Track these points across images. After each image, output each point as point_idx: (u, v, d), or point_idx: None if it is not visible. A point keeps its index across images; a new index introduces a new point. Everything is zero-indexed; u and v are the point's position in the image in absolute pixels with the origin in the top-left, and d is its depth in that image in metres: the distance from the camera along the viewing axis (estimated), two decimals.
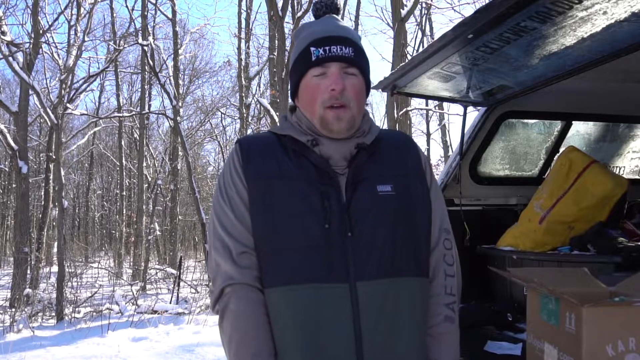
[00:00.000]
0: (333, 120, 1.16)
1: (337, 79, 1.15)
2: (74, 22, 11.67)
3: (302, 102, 1.25)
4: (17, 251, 10.40)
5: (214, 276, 1.18)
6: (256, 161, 1.20)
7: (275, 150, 1.21)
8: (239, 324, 1.11)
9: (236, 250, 1.15)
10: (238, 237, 1.16)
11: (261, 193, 1.16)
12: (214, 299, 1.17)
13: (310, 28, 1.27)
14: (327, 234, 1.10)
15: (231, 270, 1.14)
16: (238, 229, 1.17)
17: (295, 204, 1.13)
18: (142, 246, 15.88)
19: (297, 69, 1.24)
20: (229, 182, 1.20)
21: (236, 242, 1.15)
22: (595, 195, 2.55)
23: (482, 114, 3.10)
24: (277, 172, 1.17)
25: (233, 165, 1.21)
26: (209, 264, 1.22)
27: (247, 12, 17.51)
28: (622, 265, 2.17)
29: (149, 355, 6.04)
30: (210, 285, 1.21)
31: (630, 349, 1.10)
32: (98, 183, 29.59)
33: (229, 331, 1.13)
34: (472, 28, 1.91)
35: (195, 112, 23.09)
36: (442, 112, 17.83)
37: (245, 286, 1.13)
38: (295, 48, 1.28)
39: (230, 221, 1.17)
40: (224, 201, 1.20)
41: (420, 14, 15.74)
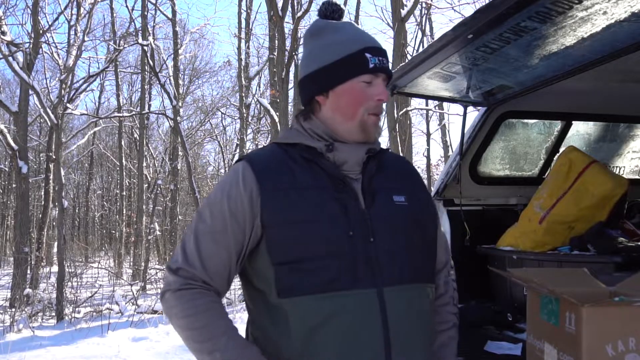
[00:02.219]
0: (372, 126, 1.21)
1: (385, 91, 1.20)
2: (74, 22, 11.67)
3: (336, 104, 1.20)
4: (17, 251, 10.40)
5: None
6: (271, 176, 1.15)
7: (286, 161, 1.18)
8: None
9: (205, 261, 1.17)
10: (212, 258, 1.16)
11: (281, 206, 1.12)
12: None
13: (352, 31, 1.23)
14: (352, 240, 1.11)
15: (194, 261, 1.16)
16: (218, 253, 1.16)
17: (317, 213, 1.12)
18: (142, 246, 15.88)
19: (345, 70, 1.18)
20: (228, 202, 1.15)
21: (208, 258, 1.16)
22: (595, 195, 2.55)
23: (482, 114, 3.10)
24: (294, 183, 1.14)
25: (238, 184, 1.15)
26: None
27: (247, 12, 17.52)
28: (622, 265, 2.18)
29: (149, 355, 6.04)
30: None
31: (630, 348, 1.10)
32: (98, 183, 29.59)
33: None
34: (472, 28, 1.91)
35: (195, 112, 23.13)
36: (442, 112, 17.84)
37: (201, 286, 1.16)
38: (332, 48, 1.20)
39: (211, 244, 1.16)
40: (211, 219, 1.17)
41: (420, 14, 15.74)
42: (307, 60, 1.25)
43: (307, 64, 1.24)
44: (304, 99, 1.26)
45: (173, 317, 1.17)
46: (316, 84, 1.21)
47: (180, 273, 1.15)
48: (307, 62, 1.24)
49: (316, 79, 1.21)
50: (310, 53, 1.24)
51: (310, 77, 1.22)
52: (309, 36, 1.27)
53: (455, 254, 2.99)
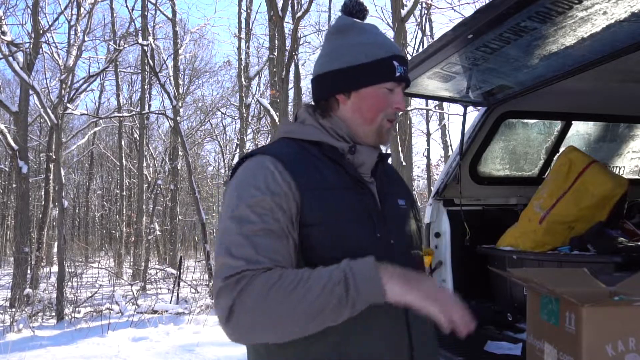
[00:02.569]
0: (387, 132, 1.22)
1: (403, 100, 1.22)
2: (74, 22, 11.68)
3: (358, 106, 1.18)
4: (17, 251, 10.40)
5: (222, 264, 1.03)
6: (303, 173, 1.10)
7: (311, 160, 1.14)
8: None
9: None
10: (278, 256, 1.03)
11: (318, 205, 1.08)
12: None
13: (380, 36, 1.22)
14: (379, 242, 1.13)
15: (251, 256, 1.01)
16: (278, 247, 1.04)
17: (350, 214, 1.11)
18: (142, 246, 15.88)
19: (373, 74, 1.17)
20: (269, 192, 1.06)
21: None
22: (595, 195, 2.55)
23: (482, 114, 3.10)
24: (325, 183, 1.11)
25: (273, 174, 1.08)
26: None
27: (247, 12, 17.53)
28: (622, 265, 2.18)
29: (149, 355, 6.04)
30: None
31: (630, 348, 1.10)
32: (98, 183, 29.59)
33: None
34: (472, 28, 1.91)
35: (195, 112, 23.14)
36: (442, 112, 17.84)
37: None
38: (361, 49, 1.18)
39: (266, 237, 1.03)
40: (253, 214, 1.05)
41: (420, 14, 15.74)
42: (330, 56, 1.21)
43: (330, 60, 1.20)
44: (322, 94, 1.22)
45: (260, 311, 0.96)
46: (340, 82, 1.19)
47: (245, 274, 0.99)
48: (331, 58, 1.21)
49: (341, 77, 1.19)
50: (335, 49, 1.21)
51: (334, 74, 1.19)
52: (335, 32, 1.24)
53: (455, 254, 3.01)
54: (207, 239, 12.29)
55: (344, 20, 1.25)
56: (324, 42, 1.27)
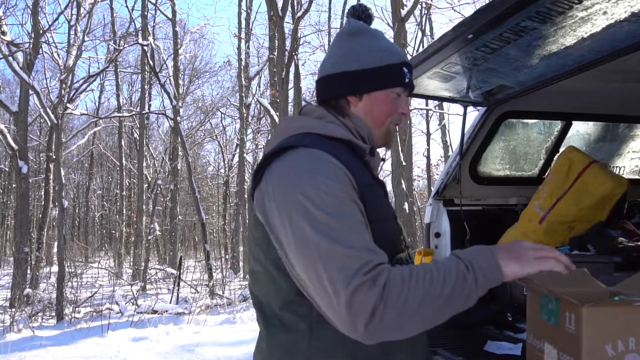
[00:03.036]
0: (392, 136, 1.28)
1: (408, 106, 1.28)
2: (74, 22, 11.69)
3: (369, 108, 1.21)
4: (17, 251, 10.41)
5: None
6: (353, 168, 1.08)
7: (351, 155, 1.14)
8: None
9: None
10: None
11: (371, 201, 1.08)
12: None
13: (390, 43, 1.27)
14: (401, 239, 1.18)
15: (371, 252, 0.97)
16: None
17: (387, 211, 1.15)
18: (142, 246, 15.88)
19: (387, 79, 1.21)
20: (340, 184, 1.01)
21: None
22: (595, 195, 2.55)
23: (482, 114, 3.10)
24: (367, 179, 1.11)
25: (344, 172, 1.04)
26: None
27: (247, 12, 17.54)
28: (622, 265, 2.17)
29: (149, 355, 6.04)
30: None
31: (630, 348, 1.10)
32: (98, 183, 29.60)
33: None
34: (472, 28, 1.91)
35: (195, 112, 23.16)
36: (442, 112, 17.85)
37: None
38: (376, 53, 1.21)
39: (362, 229, 0.99)
40: (343, 204, 0.99)
41: (420, 14, 15.75)
42: (345, 58, 1.22)
43: (345, 61, 1.21)
44: (334, 94, 1.22)
45: (407, 314, 0.92)
46: (354, 84, 1.21)
47: (375, 271, 0.92)
48: (347, 59, 1.21)
49: (355, 79, 1.20)
50: (350, 51, 1.22)
51: (348, 75, 1.20)
52: (348, 34, 1.25)
53: None
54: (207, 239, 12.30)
55: (357, 23, 1.28)
56: (335, 43, 1.28)
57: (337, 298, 0.91)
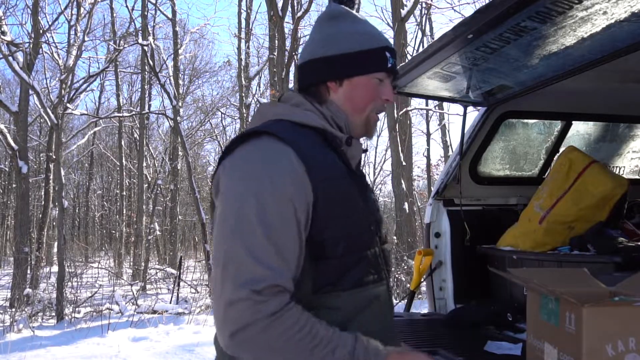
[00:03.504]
0: (374, 124, 1.22)
1: (392, 92, 1.21)
2: (74, 22, 11.68)
3: (350, 94, 1.17)
4: (17, 251, 10.41)
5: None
6: (315, 160, 1.05)
7: (320, 145, 1.10)
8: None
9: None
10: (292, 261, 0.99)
11: (330, 197, 1.04)
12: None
13: (372, 27, 1.21)
14: (372, 234, 1.14)
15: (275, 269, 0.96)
16: (293, 253, 0.99)
17: (353, 206, 1.10)
18: (142, 246, 15.88)
19: (368, 63, 1.16)
20: (293, 186, 1.00)
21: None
22: (595, 195, 2.55)
23: (482, 114, 3.10)
24: (334, 171, 1.08)
25: (293, 165, 1.02)
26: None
27: (247, 12, 17.53)
28: (622, 265, 2.17)
29: (149, 355, 6.04)
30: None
31: (630, 348, 1.10)
32: (98, 183, 29.59)
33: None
34: (472, 28, 1.91)
35: (195, 112, 23.13)
36: (442, 112, 17.84)
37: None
38: (356, 37, 1.17)
39: (290, 242, 0.99)
40: (279, 212, 0.98)
41: (420, 14, 15.76)
42: (324, 43, 1.18)
43: (324, 46, 1.17)
44: (313, 80, 1.18)
45: (271, 348, 0.94)
46: (334, 69, 1.16)
47: (269, 291, 0.93)
48: (325, 44, 1.18)
49: (335, 64, 1.16)
50: (329, 36, 1.18)
51: (328, 60, 1.16)
52: (328, 18, 1.22)
53: (455, 254, 3.01)
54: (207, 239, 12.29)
55: (336, 7, 1.23)
56: (315, 28, 1.24)
57: (222, 295, 0.94)
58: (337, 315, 1.04)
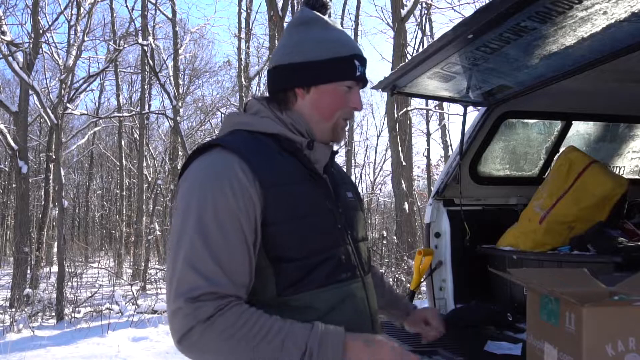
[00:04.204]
0: (342, 131, 1.24)
1: (360, 100, 1.24)
2: (74, 22, 11.68)
3: (317, 102, 1.18)
4: (17, 251, 10.41)
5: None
6: (265, 168, 1.08)
7: (272, 152, 1.13)
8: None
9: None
10: (232, 271, 1.02)
11: (281, 201, 1.07)
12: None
13: (343, 34, 1.22)
14: (340, 233, 1.17)
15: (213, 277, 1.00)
16: (235, 262, 1.03)
17: (311, 208, 1.12)
18: (142, 246, 15.88)
19: (335, 71, 1.18)
20: (234, 198, 1.04)
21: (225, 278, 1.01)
22: (595, 195, 2.55)
23: (482, 114, 3.10)
24: (286, 177, 1.11)
25: (238, 176, 1.05)
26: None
27: (247, 12, 17.51)
28: (622, 265, 2.17)
29: (149, 355, 6.04)
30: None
31: (630, 348, 1.10)
32: (98, 183, 29.59)
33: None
34: (472, 28, 1.91)
35: (195, 112, 23.13)
36: (442, 112, 17.84)
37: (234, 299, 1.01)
38: (324, 45, 1.18)
39: (229, 251, 1.02)
40: (218, 223, 1.02)
41: (420, 14, 15.75)
42: (293, 49, 1.19)
43: (293, 52, 1.19)
44: (280, 87, 1.20)
45: (213, 349, 0.98)
46: (301, 76, 1.18)
47: (205, 298, 0.98)
48: (294, 50, 1.19)
49: (301, 71, 1.17)
50: (297, 43, 1.19)
51: (295, 66, 1.18)
52: (297, 24, 1.22)
53: (455, 254, 3.01)
54: None
55: (308, 13, 1.23)
56: (285, 33, 1.25)
57: (168, 307, 1.03)
58: (309, 314, 1.06)
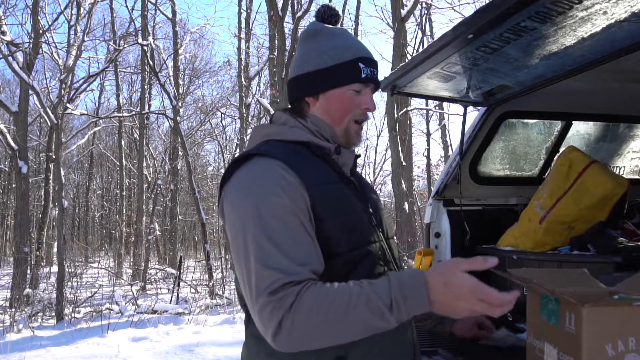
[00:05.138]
0: (356, 134, 1.27)
1: (372, 101, 1.26)
2: (73, 22, 11.68)
3: (326, 108, 1.24)
4: (17, 251, 10.40)
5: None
6: (303, 170, 1.13)
7: (307, 157, 1.19)
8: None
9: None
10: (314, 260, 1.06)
11: (325, 198, 1.12)
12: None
13: (348, 40, 1.26)
14: (375, 230, 1.22)
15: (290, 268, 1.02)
16: (311, 252, 1.06)
17: (352, 206, 1.18)
18: (142, 246, 15.88)
19: (338, 77, 1.23)
20: (287, 196, 1.07)
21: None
22: (595, 195, 2.55)
23: (482, 114, 3.10)
24: (324, 177, 1.16)
25: (285, 177, 1.09)
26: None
27: (247, 12, 17.51)
28: (622, 265, 2.17)
29: (149, 355, 6.04)
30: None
31: (630, 348, 1.10)
32: (98, 183, 29.60)
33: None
34: (472, 28, 1.91)
35: (195, 112, 23.14)
36: (442, 112, 17.85)
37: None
38: (328, 53, 1.23)
39: (296, 244, 1.05)
40: (278, 219, 1.05)
41: (420, 14, 15.76)
42: (301, 61, 1.28)
43: (300, 65, 1.28)
44: (294, 97, 1.29)
45: (309, 329, 0.99)
46: (308, 86, 1.25)
47: (286, 288, 1.00)
48: (301, 62, 1.28)
49: (309, 80, 1.25)
50: (305, 54, 1.27)
51: (302, 77, 1.26)
52: (305, 37, 1.31)
53: (455, 254, 3.00)
54: (207, 239, 12.30)
55: (314, 25, 1.31)
56: (297, 47, 1.33)
57: (252, 308, 1.03)
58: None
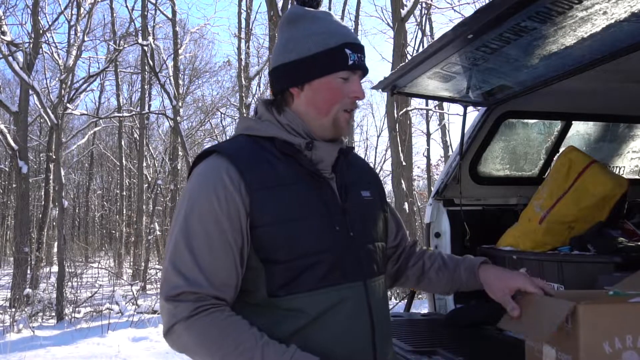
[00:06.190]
0: (344, 123, 1.19)
1: (361, 88, 1.19)
2: (74, 22, 11.69)
3: (311, 98, 1.16)
4: (17, 251, 10.41)
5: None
6: (254, 172, 1.09)
7: (265, 156, 1.13)
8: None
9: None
10: (213, 274, 1.06)
11: (271, 204, 1.08)
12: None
13: (332, 24, 1.17)
14: (337, 235, 1.13)
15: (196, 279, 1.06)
16: (219, 264, 1.07)
17: (306, 210, 1.11)
18: (142, 246, 15.88)
19: (324, 65, 1.13)
20: (218, 202, 1.07)
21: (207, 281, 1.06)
22: (595, 195, 2.55)
23: (482, 114, 3.10)
24: (278, 180, 1.10)
25: (223, 181, 1.08)
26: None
27: (247, 12, 17.50)
28: (622, 265, 2.17)
29: (149, 355, 6.04)
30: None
31: (627, 346, 1.10)
32: (98, 183, 29.59)
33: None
34: (472, 28, 1.92)
35: (195, 112, 23.12)
36: (442, 112, 17.83)
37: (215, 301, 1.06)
38: (311, 39, 1.14)
39: (210, 254, 1.06)
40: (202, 226, 1.07)
41: (420, 14, 15.74)
42: (282, 49, 1.17)
43: (282, 53, 1.17)
44: (277, 88, 1.19)
45: (191, 349, 1.06)
46: (292, 76, 1.16)
47: (184, 297, 1.04)
48: (283, 50, 1.17)
49: (292, 70, 1.15)
50: (287, 41, 1.17)
51: (285, 67, 1.16)
52: (286, 23, 1.20)
53: (455, 254, 3.00)
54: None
55: (295, 9, 1.21)
56: (278, 33, 1.22)
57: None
58: (300, 317, 1.07)
